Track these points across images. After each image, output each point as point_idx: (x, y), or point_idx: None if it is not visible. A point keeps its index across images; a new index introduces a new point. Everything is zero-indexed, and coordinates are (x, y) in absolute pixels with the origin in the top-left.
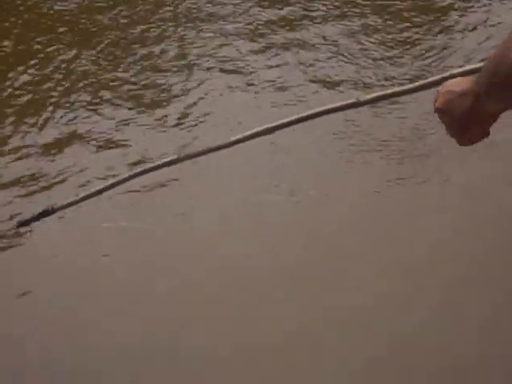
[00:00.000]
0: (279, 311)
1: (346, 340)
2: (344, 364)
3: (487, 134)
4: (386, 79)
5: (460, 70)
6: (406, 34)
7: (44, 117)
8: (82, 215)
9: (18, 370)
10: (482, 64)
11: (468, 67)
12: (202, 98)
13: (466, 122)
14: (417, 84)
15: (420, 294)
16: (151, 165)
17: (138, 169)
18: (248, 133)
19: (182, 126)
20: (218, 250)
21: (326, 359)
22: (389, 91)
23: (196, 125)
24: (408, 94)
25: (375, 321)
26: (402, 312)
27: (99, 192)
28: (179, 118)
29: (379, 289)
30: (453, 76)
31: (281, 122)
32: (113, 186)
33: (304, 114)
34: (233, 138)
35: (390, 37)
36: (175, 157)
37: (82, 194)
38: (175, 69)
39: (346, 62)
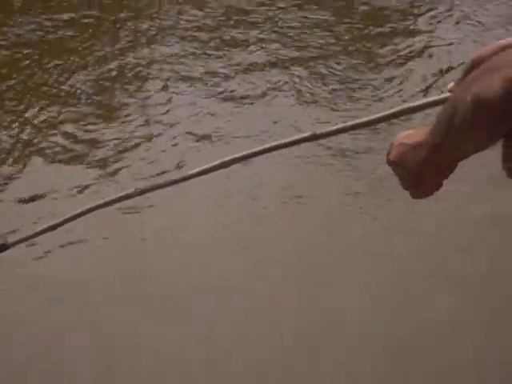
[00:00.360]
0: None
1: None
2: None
3: (441, 185)
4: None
5: (419, 102)
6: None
7: None
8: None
9: None
10: (442, 96)
11: (427, 99)
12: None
13: (421, 174)
14: (375, 116)
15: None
16: (107, 199)
17: (94, 203)
18: (203, 167)
19: None
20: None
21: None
22: (348, 124)
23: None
24: (366, 126)
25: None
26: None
27: (55, 227)
28: None
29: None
30: (412, 109)
31: (234, 156)
32: (67, 220)
33: (260, 148)
34: (191, 171)
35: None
36: (131, 190)
37: (39, 228)
38: None
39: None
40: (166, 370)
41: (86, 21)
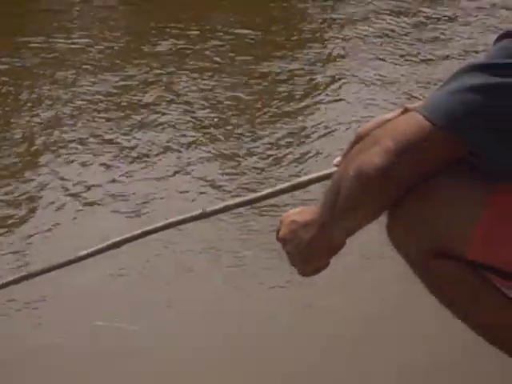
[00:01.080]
0: None
1: None
2: None
3: (329, 262)
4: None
5: (306, 177)
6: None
7: None
8: None
9: None
10: (329, 171)
11: (316, 174)
12: None
13: (311, 252)
14: (264, 193)
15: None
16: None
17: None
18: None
19: None
20: None
21: None
22: (234, 202)
23: None
24: (253, 203)
25: None
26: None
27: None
28: None
29: None
30: (301, 184)
31: (124, 237)
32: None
33: (150, 228)
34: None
35: None
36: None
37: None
38: None
39: None
40: None
41: None
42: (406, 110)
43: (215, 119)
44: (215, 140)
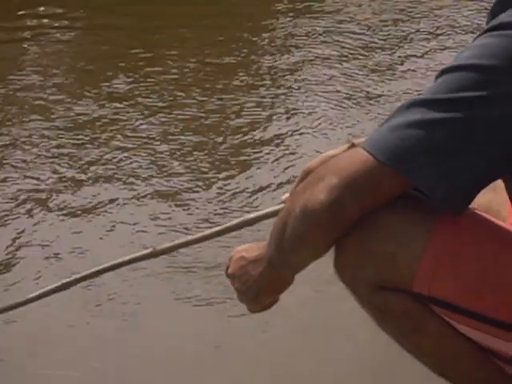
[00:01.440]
0: None
1: None
2: None
3: (277, 299)
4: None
5: (254, 214)
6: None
7: None
8: None
9: None
10: (276, 207)
11: (263, 211)
12: None
13: (259, 289)
14: (211, 231)
15: None
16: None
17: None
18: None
19: None
20: None
21: None
22: (184, 240)
23: None
24: (203, 241)
25: None
26: None
27: None
28: None
29: None
30: (250, 221)
31: (73, 278)
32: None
33: (101, 267)
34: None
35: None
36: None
37: None
38: None
39: None
40: None
41: None
42: (352, 146)
43: (172, 153)
44: (172, 174)
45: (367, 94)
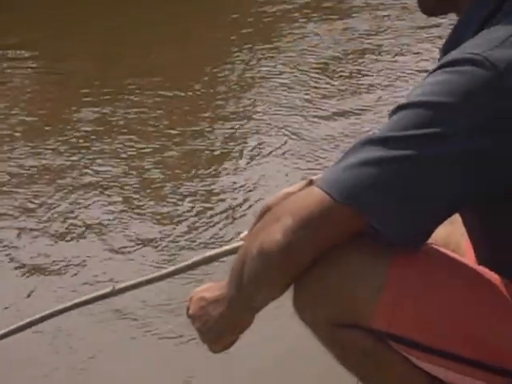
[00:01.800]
0: None
1: None
2: None
3: (238, 338)
4: None
5: (213, 252)
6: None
7: None
8: None
9: None
10: (235, 245)
11: (222, 249)
12: None
13: (220, 329)
14: (173, 268)
15: None
16: None
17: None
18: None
19: None
20: None
21: None
22: (144, 278)
23: None
24: (166, 278)
25: None
26: None
27: None
28: None
29: None
30: (209, 258)
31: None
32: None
33: (60, 307)
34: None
35: None
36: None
37: None
38: None
39: None
40: None
41: None
42: (310, 182)
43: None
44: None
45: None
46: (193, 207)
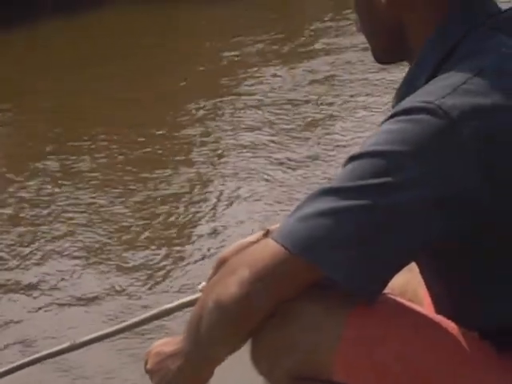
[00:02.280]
0: None
1: None
2: None
3: None
4: None
5: (172, 304)
6: None
7: None
8: None
9: None
10: (194, 296)
11: (181, 300)
12: None
13: (178, 383)
14: (134, 320)
15: None
16: None
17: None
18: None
19: None
20: None
21: None
22: (104, 332)
23: None
24: (125, 331)
25: None
26: None
27: None
28: None
29: None
30: (166, 311)
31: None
32: None
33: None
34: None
35: None
36: None
37: None
38: None
39: None
40: None
41: None
42: (267, 233)
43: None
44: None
45: None
46: (158, 254)
